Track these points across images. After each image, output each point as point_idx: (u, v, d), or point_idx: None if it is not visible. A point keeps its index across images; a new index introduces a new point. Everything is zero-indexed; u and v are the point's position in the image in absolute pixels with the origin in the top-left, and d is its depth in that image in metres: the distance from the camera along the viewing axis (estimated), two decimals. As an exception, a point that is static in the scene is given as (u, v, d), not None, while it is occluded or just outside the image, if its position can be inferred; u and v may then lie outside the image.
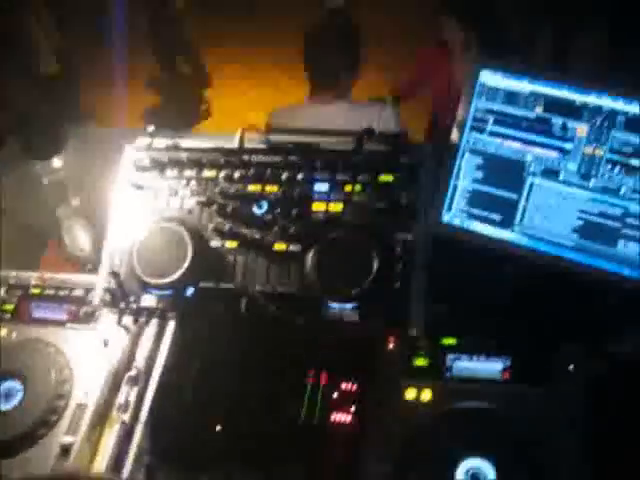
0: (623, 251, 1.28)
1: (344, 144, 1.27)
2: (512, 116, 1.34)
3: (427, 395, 1.23)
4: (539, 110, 1.32)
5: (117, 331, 1.39)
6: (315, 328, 1.17)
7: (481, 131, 1.36)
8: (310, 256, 1.17)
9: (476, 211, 1.37)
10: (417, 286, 1.13)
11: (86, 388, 1.34)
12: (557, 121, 1.31)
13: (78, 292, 1.48)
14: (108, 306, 1.25)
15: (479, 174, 1.37)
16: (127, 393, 1.34)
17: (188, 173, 1.29)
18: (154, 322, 1.34)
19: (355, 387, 1.23)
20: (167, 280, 1.19)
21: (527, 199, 1.34)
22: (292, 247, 1.20)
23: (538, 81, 1.32)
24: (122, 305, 1.24)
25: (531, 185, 1.33)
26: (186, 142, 1.34)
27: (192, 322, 1.27)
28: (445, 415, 1.20)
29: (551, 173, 1.32)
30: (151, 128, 1.33)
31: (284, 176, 1.23)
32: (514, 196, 1.34)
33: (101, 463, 1.28)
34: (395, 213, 1.18)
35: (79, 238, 1.69)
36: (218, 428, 1.24)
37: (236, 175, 1.25)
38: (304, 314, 1.16)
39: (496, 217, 1.36)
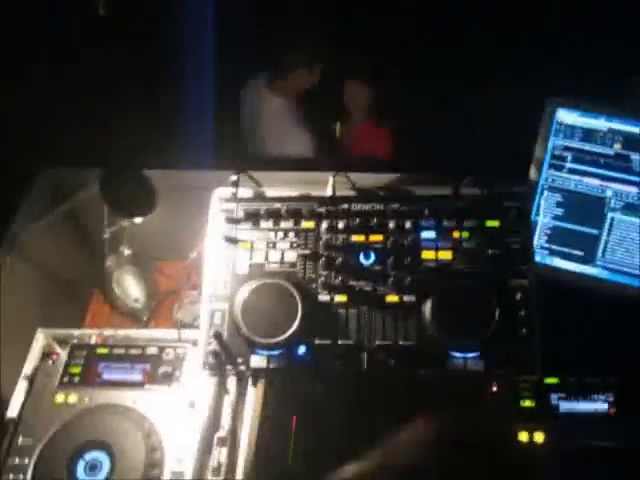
0: None
1: (440, 189, 1.26)
2: (590, 153, 1.37)
3: (540, 437, 1.23)
4: (617, 147, 1.35)
5: (203, 391, 1.33)
6: (440, 380, 1.15)
7: (560, 169, 1.38)
8: (429, 307, 1.15)
9: (557, 247, 1.39)
10: (538, 330, 1.13)
11: (178, 454, 1.27)
12: (635, 157, 1.34)
13: (152, 350, 1.40)
14: (213, 369, 1.18)
15: (559, 211, 1.39)
16: (218, 455, 1.28)
17: (285, 224, 1.24)
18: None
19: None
20: (279, 339, 1.15)
21: (608, 234, 1.36)
22: (406, 298, 1.18)
23: (615, 118, 1.35)
24: (229, 367, 1.18)
25: (612, 220, 1.36)
26: (271, 191, 1.30)
27: (294, 380, 1.22)
28: (562, 456, 1.20)
29: (631, 208, 1.35)
30: (234, 177, 1.28)
31: (391, 225, 1.20)
32: (595, 231, 1.37)
33: (205, 532, 1.21)
34: (507, 258, 1.17)
35: (132, 289, 1.60)
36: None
37: (340, 225, 1.21)
38: (427, 366, 1.14)
39: (578, 253, 1.38)
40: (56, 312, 1.64)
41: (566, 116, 1.38)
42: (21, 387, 1.39)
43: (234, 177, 1.27)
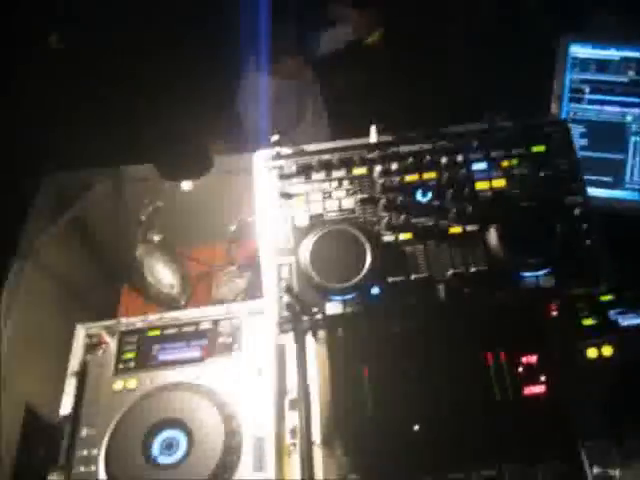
0: None
1: (475, 125, 1.29)
2: (607, 83, 1.43)
3: (608, 351, 1.26)
4: (631, 73, 1.42)
5: (268, 355, 1.32)
6: (514, 300, 1.17)
7: (579, 101, 1.44)
8: (493, 233, 1.17)
9: (588, 177, 1.43)
10: (602, 242, 1.17)
11: (254, 421, 1.25)
12: (650, 80, 1.41)
13: (205, 325, 1.38)
14: (289, 323, 1.17)
15: (584, 142, 1.44)
16: (293, 417, 1.27)
17: (337, 174, 1.25)
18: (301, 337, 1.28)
19: (535, 358, 1.24)
20: (352, 282, 1.15)
21: (634, 157, 1.42)
22: (469, 228, 1.20)
23: (625, 47, 1.42)
24: (305, 318, 1.17)
25: (635, 143, 1.42)
26: (311, 147, 1.31)
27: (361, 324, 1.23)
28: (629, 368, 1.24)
29: (652, 129, 1.41)
30: (275, 137, 1.28)
31: (443, 160, 1.23)
32: (621, 156, 1.43)
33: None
34: (558, 179, 1.21)
35: (165, 275, 1.57)
36: (416, 428, 1.21)
37: (393, 167, 1.23)
38: (502, 289, 1.16)
39: (608, 179, 1.44)
40: (84, 317, 1.58)
41: (579, 50, 1.44)
42: (70, 384, 1.34)
43: (275, 137, 1.27)
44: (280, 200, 1.23)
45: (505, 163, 1.23)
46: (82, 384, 1.33)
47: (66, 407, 1.32)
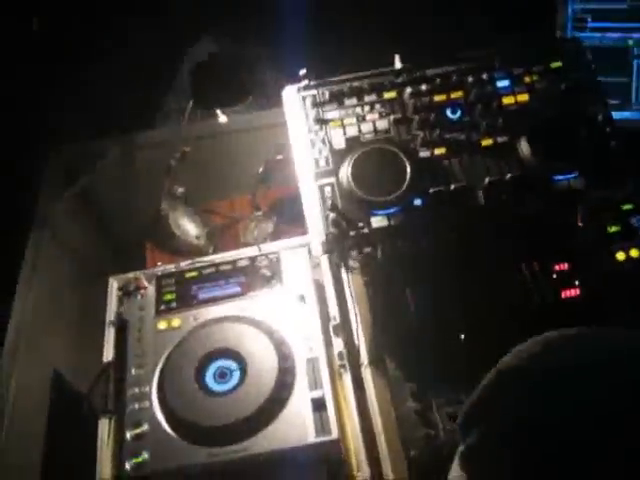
0: None
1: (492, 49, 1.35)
2: (607, 10, 1.51)
3: (635, 253, 1.32)
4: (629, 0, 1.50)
5: (308, 283, 1.34)
6: (549, 204, 1.22)
7: (582, 29, 1.51)
8: (524, 141, 1.22)
9: (595, 101, 1.51)
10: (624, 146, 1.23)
11: (304, 345, 1.27)
12: (647, 6, 1.49)
13: (243, 262, 1.40)
14: (336, 240, 1.20)
15: (590, 67, 1.51)
16: (339, 342, 1.30)
17: (369, 99, 1.29)
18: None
19: (567, 265, 1.30)
20: (396, 194, 1.19)
21: (638, 79, 1.50)
22: (499, 139, 1.25)
23: (622, -24, 1.50)
24: (352, 234, 1.20)
25: (638, 65, 1.50)
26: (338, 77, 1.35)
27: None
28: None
29: (653, 50, 1.49)
30: (303, 71, 1.32)
31: (470, 79, 1.28)
32: (625, 79, 1.50)
33: (352, 412, 1.22)
34: (579, 90, 1.27)
35: (191, 227, 1.58)
36: (462, 337, 1.24)
37: (422, 89, 1.28)
38: (537, 192, 1.21)
39: (614, 102, 1.51)
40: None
41: (579, -19, 1.52)
42: (110, 332, 1.35)
43: (303, 70, 1.31)
44: (315, 126, 1.26)
45: (527, 79, 1.29)
46: (124, 329, 1.33)
47: (108, 353, 1.31)
